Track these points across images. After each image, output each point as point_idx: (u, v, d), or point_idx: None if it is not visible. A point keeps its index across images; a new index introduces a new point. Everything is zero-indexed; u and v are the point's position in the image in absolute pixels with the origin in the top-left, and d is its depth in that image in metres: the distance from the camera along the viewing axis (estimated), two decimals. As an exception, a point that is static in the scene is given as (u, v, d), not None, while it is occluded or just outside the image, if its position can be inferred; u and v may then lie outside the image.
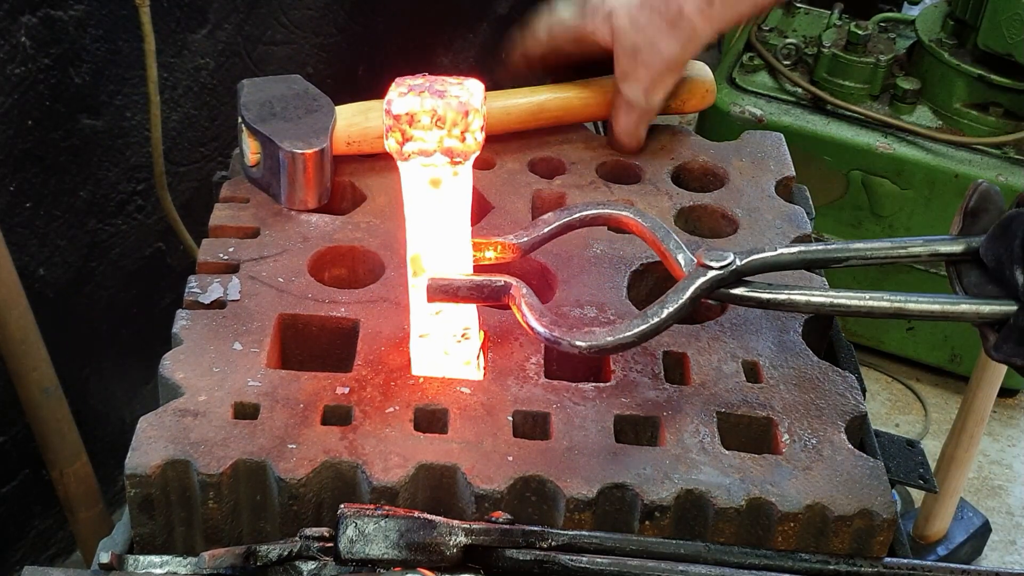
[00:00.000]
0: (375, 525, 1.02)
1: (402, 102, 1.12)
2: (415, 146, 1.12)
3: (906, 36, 3.14)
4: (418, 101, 1.12)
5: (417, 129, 1.11)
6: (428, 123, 1.11)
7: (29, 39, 1.98)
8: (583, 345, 1.12)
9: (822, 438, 1.19)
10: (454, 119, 1.11)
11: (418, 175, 1.15)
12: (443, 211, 1.17)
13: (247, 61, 2.49)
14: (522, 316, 1.16)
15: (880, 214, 3.02)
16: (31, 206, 2.12)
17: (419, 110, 1.11)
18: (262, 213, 1.42)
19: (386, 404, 1.18)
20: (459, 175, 1.15)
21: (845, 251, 1.22)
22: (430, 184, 1.15)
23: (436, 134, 1.12)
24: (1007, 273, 1.10)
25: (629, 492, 1.12)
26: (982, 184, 1.23)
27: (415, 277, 1.21)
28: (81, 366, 2.36)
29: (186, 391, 1.18)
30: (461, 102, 1.12)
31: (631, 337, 1.13)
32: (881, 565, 1.10)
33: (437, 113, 1.11)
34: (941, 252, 1.21)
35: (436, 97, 1.12)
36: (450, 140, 1.12)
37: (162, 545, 1.15)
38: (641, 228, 1.26)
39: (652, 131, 1.64)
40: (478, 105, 1.13)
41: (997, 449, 3.13)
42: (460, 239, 1.20)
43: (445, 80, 1.16)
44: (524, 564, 1.04)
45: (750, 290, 1.18)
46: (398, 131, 1.12)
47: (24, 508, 2.38)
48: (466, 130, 1.12)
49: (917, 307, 1.15)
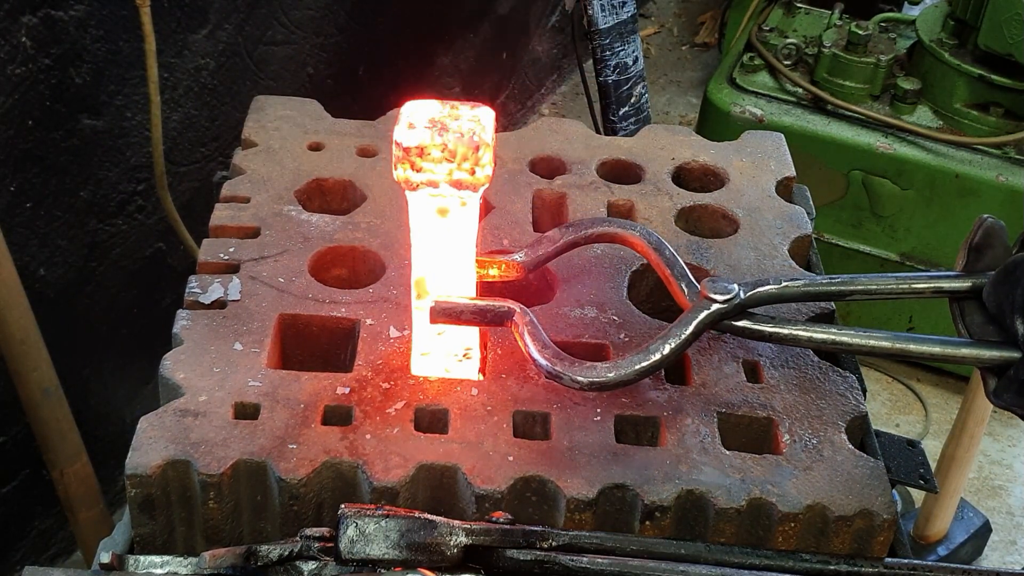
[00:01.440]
0: (376, 525, 1.02)
1: (412, 135, 1.11)
2: (424, 177, 1.11)
3: (906, 36, 3.14)
4: (429, 134, 1.10)
5: (427, 161, 1.10)
6: (438, 156, 1.10)
7: (30, 39, 1.98)
8: (584, 381, 1.12)
9: (822, 438, 1.19)
10: (464, 153, 1.10)
11: (426, 204, 1.14)
12: (449, 238, 1.17)
13: (247, 61, 2.49)
14: (524, 346, 1.15)
15: (880, 214, 3.01)
16: (32, 206, 2.12)
17: (429, 143, 1.10)
18: (262, 213, 1.42)
19: (387, 404, 1.18)
20: (467, 205, 1.14)
21: (850, 284, 1.22)
22: (437, 213, 1.15)
23: (446, 167, 1.11)
24: (1008, 322, 1.10)
25: (630, 492, 1.12)
26: (987, 220, 1.23)
27: (419, 299, 1.21)
28: (81, 366, 2.36)
29: (186, 391, 1.18)
30: (472, 137, 1.10)
31: (632, 374, 1.12)
32: (882, 565, 1.10)
33: (448, 147, 1.10)
34: (945, 289, 1.21)
35: (447, 131, 1.11)
36: (459, 173, 1.11)
37: (162, 545, 1.15)
38: (646, 249, 1.25)
39: (652, 131, 1.64)
40: (489, 139, 1.11)
41: (997, 449, 3.13)
42: (465, 264, 1.20)
43: (457, 109, 1.14)
44: (525, 564, 1.04)
45: (754, 323, 1.18)
46: (407, 162, 1.11)
47: (25, 508, 2.38)
48: (476, 163, 1.11)
49: (918, 348, 1.15)
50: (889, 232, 3.05)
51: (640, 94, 2.97)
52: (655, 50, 4.59)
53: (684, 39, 4.69)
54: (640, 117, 2.98)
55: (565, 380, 1.12)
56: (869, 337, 1.16)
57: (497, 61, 3.72)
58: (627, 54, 2.91)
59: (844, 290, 1.22)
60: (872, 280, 1.22)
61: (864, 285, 1.22)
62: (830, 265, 1.91)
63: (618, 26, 2.86)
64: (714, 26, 4.47)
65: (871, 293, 1.22)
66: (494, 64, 3.71)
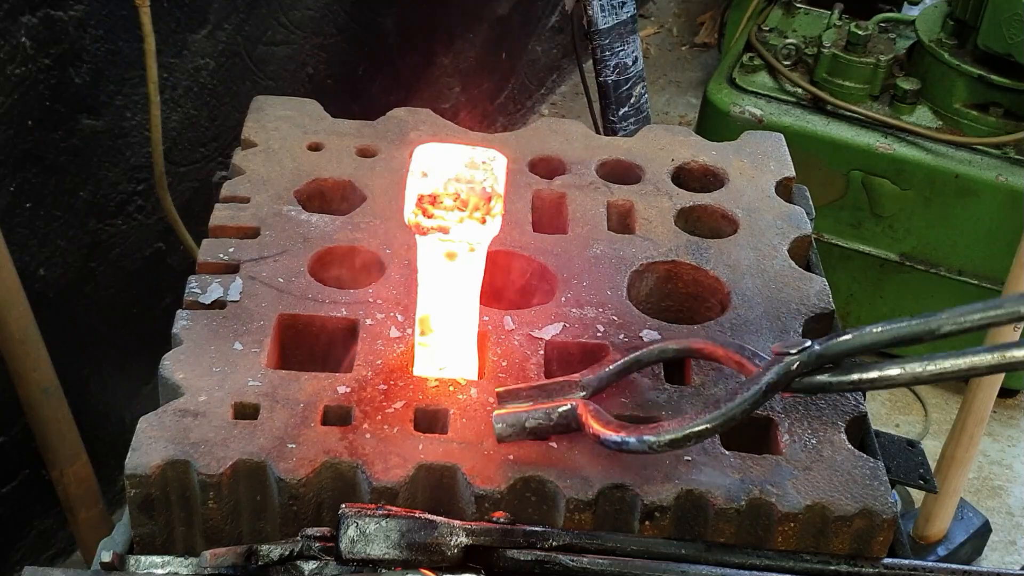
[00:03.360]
0: (376, 525, 1.02)
1: (425, 183, 1.13)
2: (435, 223, 1.13)
3: (906, 36, 3.13)
4: (442, 184, 1.12)
5: (439, 209, 1.12)
6: (451, 204, 1.12)
7: (29, 39, 1.98)
8: (652, 440, 1.07)
9: (822, 438, 1.19)
10: (476, 203, 1.12)
11: (435, 248, 1.16)
12: (456, 281, 1.18)
13: (247, 61, 2.49)
14: (593, 434, 1.12)
15: (880, 214, 3.01)
16: (31, 206, 2.12)
17: (442, 192, 1.12)
18: (262, 213, 1.42)
19: (386, 404, 1.18)
20: (475, 251, 1.16)
21: (932, 322, 1.09)
22: (446, 257, 1.16)
23: (457, 214, 1.12)
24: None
25: (629, 492, 1.12)
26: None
27: (422, 335, 1.22)
28: (81, 366, 2.36)
29: (186, 391, 1.18)
30: (485, 188, 1.13)
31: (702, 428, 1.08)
32: (881, 565, 1.10)
33: (460, 196, 1.12)
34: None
35: (460, 180, 1.13)
36: (471, 221, 1.13)
37: (162, 545, 1.15)
38: (714, 349, 1.20)
39: (652, 131, 1.64)
40: (501, 189, 1.13)
41: (997, 449, 3.13)
42: (469, 304, 1.21)
43: (471, 157, 1.15)
44: (525, 564, 1.04)
45: (836, 375, 1.10)
46: (420, 209, 1.13)
47: (24, 508, 2.38)
48: (487, 212, 1.13)
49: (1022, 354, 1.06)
50: (889, 232, 3.05)
51: (640, 94, 2.97)
52: (655, 50, 4.59)
53: (684, 39, 4.69)
54: (640, 117, 2.98)
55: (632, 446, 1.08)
56: (968, 357, 1.06)
57: (497, 61, 3.72)
58: (627, 54, 2.91)
59: (928, 329, 1.09)
60: (958, 313, 1.09)
61: (949, 319, 1.09)
62: (830, 265, 1.91)
63: (618, 26, 2.86)
64: (714, 26, 4.47)
65: (961, 326, 1.09)
66: (494, 64, 3.71)
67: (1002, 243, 2.78)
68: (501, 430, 1.12)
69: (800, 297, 1.38)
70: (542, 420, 1.12)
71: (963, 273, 2.97)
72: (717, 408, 1.08)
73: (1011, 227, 2.73)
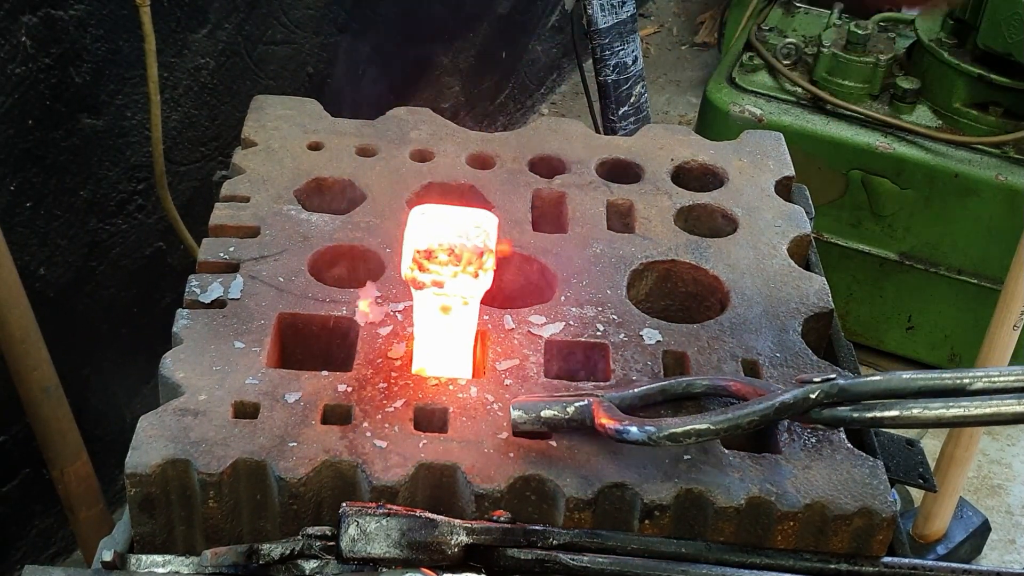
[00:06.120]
0: (377, 524, 1.02)
1: (422, 239, 1.19)
2: (429, 277, 1.18)
3: (906, 36, 3.13)
4: (436, 240, 1.19)
5: (434, 263, 1.18)
6: (445, 259, 1.18)
7: (30, 39, 1.98)
8: (653, 431, 1.09)
9: (821, 437, 1.19)
10: (469, 258, 1.18)
11: (430, 301, 1.21)
12: (451, 331, 1.22)
13: (247, 61, 2.49)
14: (604, 430, 1.13)
15: (880, 214, 3.01)
16: (32, 206, 2.12)
17: (437, 248, 1.19)
18: (262, 212, 1.42)
19: (386, 403, 1.18)
20: (468, 304, 1.21)
21: (965, 376, 1.07)
22: (440, 310, 1.20)
23: (451, 269, 1.18)
24: None
25: (629, 491, 1.12)
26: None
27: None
28: (81, 365, 2.36)
29: (186, 390, 1.18)
30: (478, 244, 1.19)
31: (703, 428, 1.09)
32: (881, 564, 1.10)
33: (454, 252, 1.18)
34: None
35: (454, 236, 1.19)
36: (464, 276, 1.18)
37: (162, 544, 1.15)
38: (742, 388, 1.19)
39: (651, 131, 1.64)
40: (492, 245, 1.19)
41: (997, 448, 3.13)
42: (463, 352, 1.25)
43: (463, 217, 1.21)
44: (525, 563, 1.05)
45: (855, 410, 1.09)
46: (416, 264, 1.19)
47: (25, 507, 2.38)
48: (480, 267, 1.18)
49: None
50: (888, 232, 3.05)
51: (639, 94, 2.98)
52: (655, 50, 4.59)
53: (683, 39, 4.69)
54: (639, 117, 2.99)
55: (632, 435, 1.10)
56: (994, 403, 1.04)
57: (497, 61, 3.72)
58: (627, 54, 2.91)
59: (959, 385, 1.07)
60: (993, 372, 1.07)
61: (983, 377, 1.07)
62: (829, 265, 1.91)
63: (618, 26, 2.87)
64: (713, 26, 4.47)
65: (993, 384, 1.06)
66: (494, 64, 3.71)
67: (1001, 242, 2.78)
68: (518, 417, 1.15)
69: (799, 296, 1.38)
70: (558, 412, 1.15)
71: (962, 272, 2.97)
72: (725, 413, 1.09)
73: (1010, 226, 2.73)
